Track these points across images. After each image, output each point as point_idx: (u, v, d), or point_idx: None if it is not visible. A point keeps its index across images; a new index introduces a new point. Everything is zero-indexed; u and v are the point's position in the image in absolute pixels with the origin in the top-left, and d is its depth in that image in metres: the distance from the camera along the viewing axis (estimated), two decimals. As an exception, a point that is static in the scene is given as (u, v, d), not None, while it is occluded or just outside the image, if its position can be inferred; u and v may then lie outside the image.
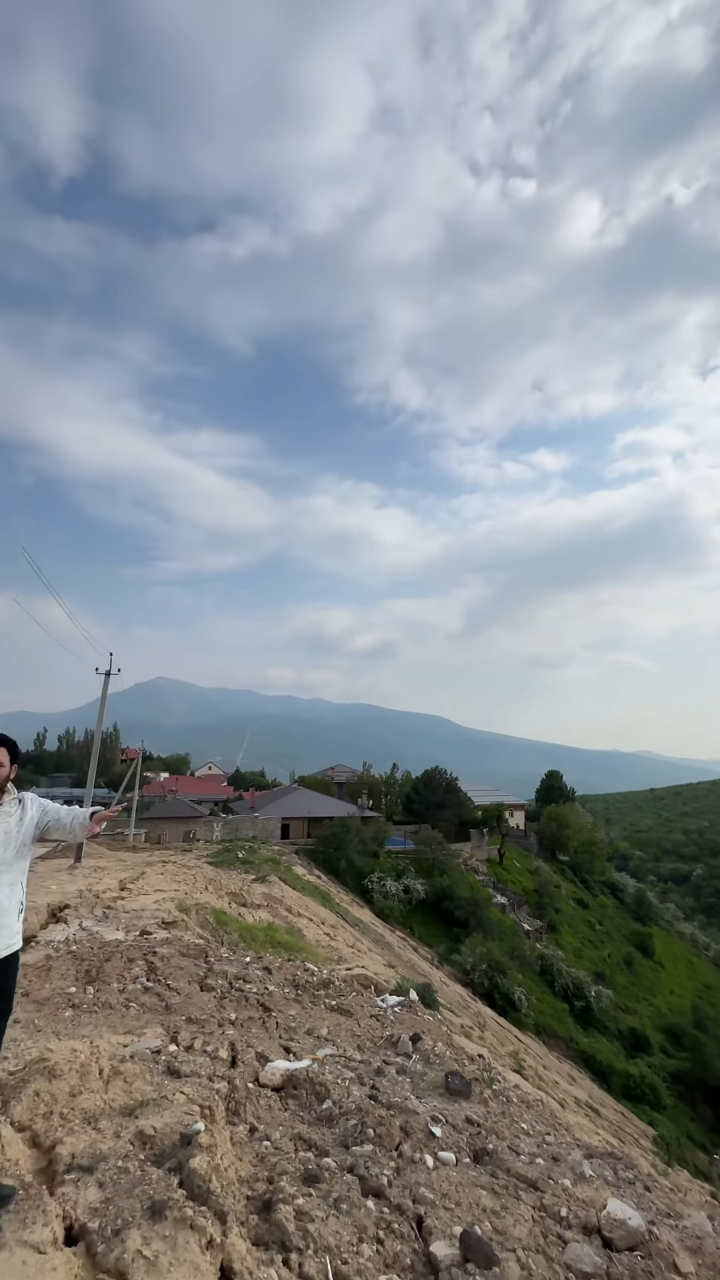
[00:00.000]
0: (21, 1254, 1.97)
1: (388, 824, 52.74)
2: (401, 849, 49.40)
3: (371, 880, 42.54)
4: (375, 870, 44.03)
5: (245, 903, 18.25)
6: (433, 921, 42.20)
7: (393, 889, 42.47)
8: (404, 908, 41.88)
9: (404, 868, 45.42)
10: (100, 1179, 2.51)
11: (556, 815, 62.38)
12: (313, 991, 7.61)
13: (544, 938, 46.28)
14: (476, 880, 48.08)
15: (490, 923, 40.95)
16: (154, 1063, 4.01)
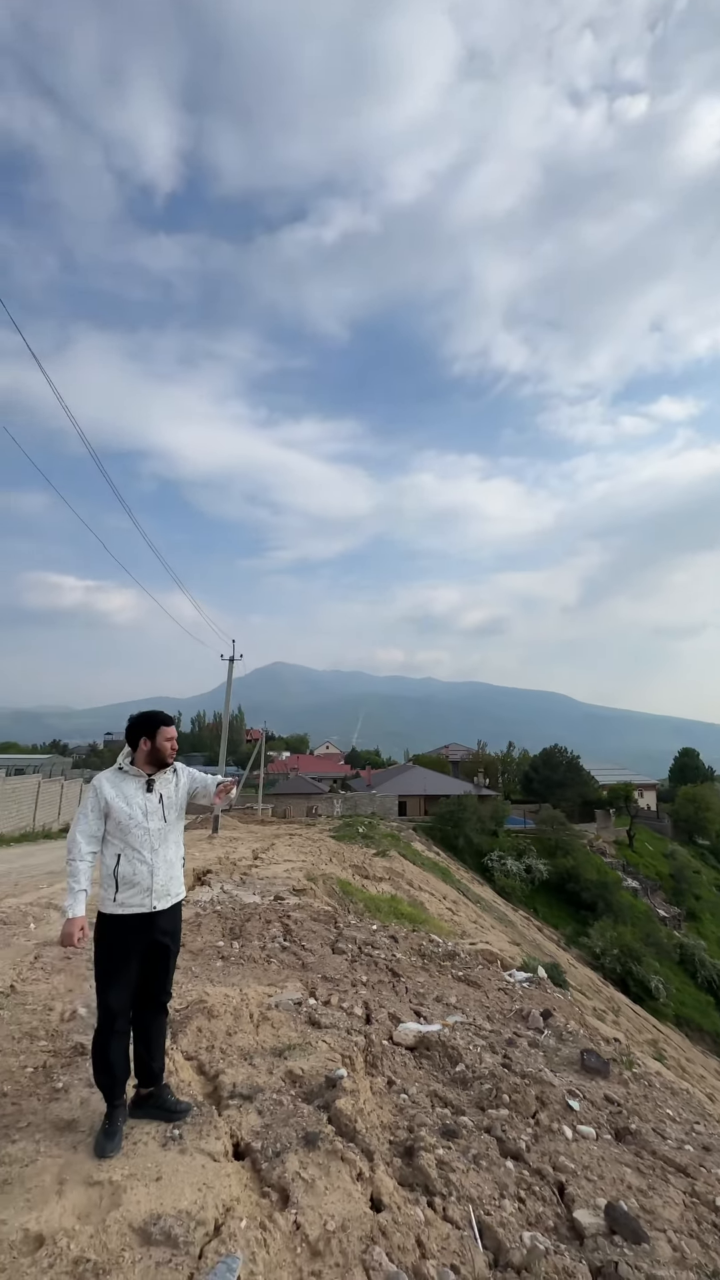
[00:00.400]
0: (200, 1159, 2.25)
1: (506, 803, 51.83)
2: (521, 828, 48.40)
3: (491, 859, 42.20)
4: (495, 849, 43.61)
5: (368, 875, 18.93)
6: (558, 903, 41.05)
7: (514, 868, 41.84)
8: (526, 887, 41.13)
9: (525, 847, 44.52)
10: (259, 1107, 2.79)
11: (694, 796, 57.60)
12: (439, 962, 7.78)
13: (682, 926, 43.27)
14: (604, 863, 45.94)
15: (621, 907, 39.02)
16: (296, 1013, 4.34)
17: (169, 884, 2.63)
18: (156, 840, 2.60)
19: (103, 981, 2.51)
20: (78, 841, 2.53)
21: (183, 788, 2.81)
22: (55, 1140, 2.29)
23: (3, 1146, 2.22)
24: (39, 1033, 3.30)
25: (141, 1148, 2.29)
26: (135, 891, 2.52)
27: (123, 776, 2.68)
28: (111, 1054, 2.44)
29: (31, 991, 4.12)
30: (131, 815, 2.57)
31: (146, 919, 2.52)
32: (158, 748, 2.68)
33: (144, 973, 2.59)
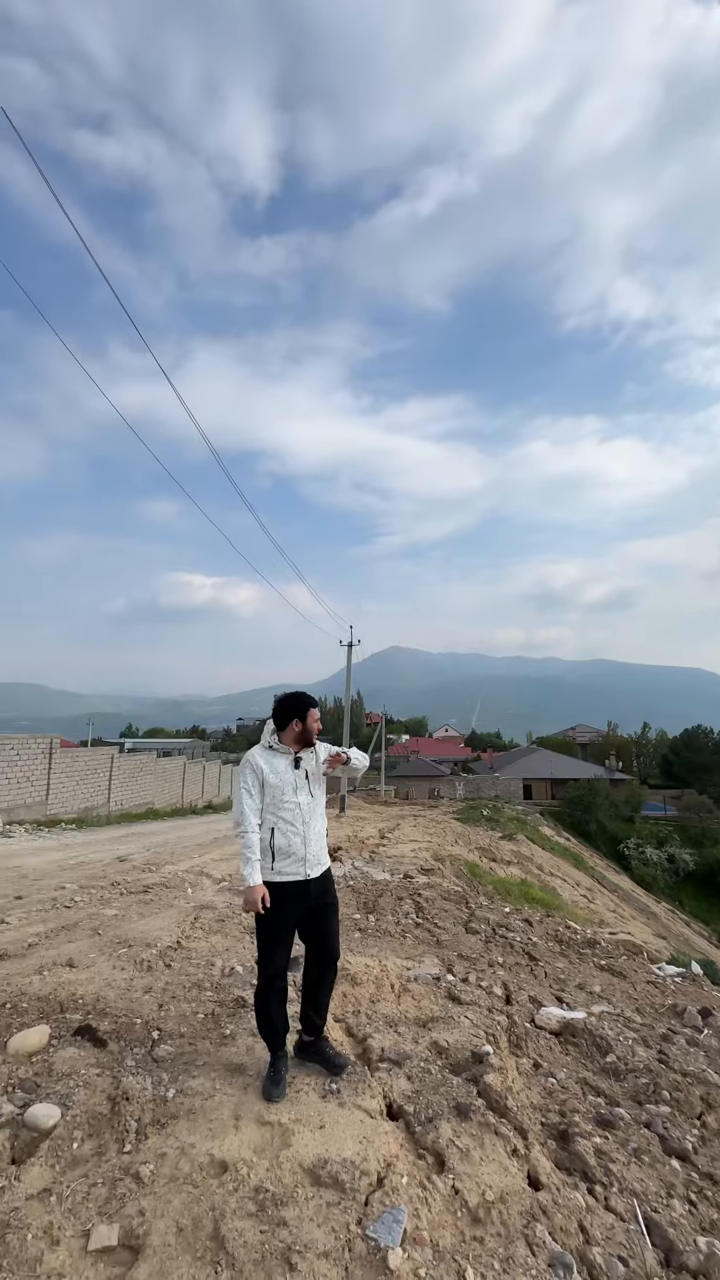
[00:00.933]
0: (358, 1114, 2.36)
1: (642, 787, 48.44)
2: (661, 815, 45.01)
3: (628, 846, 39.75)
4: (632, 836, 41.01)
5: (495, 858, 18.67)
6: (707, 896, 37.79)
7: (654, 857, 39.08)
8: (669, 878, 38.29)
9: (666, 835, 41.39)
10: (407, 1073, 2.87)
11: None
12: (578, 949, 7.48)
13: None
14: (762, 855, 41.38)
15: (785, 905, 35.05)
16: (436, 987, 4.40)
17: (320, 854, 2.78)
18: (307, 813, 2.74)
19: (263, 944, 2.71)
20: (246, 815, 2.72)
21: (322, 763, 2.94)
22: (228, 1080, 2.53)
23: (186, 1080, 2.49)
24: (205, 984, 3.65)
25: (304, 1097, 2.45)
26: (291, 861, 2.68)
27: (273, 754, 2.85)
28: (272, 1009, 2.64)
29: (195, 949, 4.56)
30: (283, 790, 2.72)
31: (301, 886, 2.69)
32: (308, 729, 2.83)
33: (313, 933, 2.80)
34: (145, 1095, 2.31)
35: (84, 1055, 2.58)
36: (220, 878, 8.23)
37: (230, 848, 11.34)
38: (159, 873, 8.05)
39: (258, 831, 2.70)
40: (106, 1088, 2.33)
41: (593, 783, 43.14)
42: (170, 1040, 2.84)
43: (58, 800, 15.33)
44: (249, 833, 2.69)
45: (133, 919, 5.24)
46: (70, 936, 4.49)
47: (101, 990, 3.33)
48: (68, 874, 7.84)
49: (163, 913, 5.66)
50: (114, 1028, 2.82)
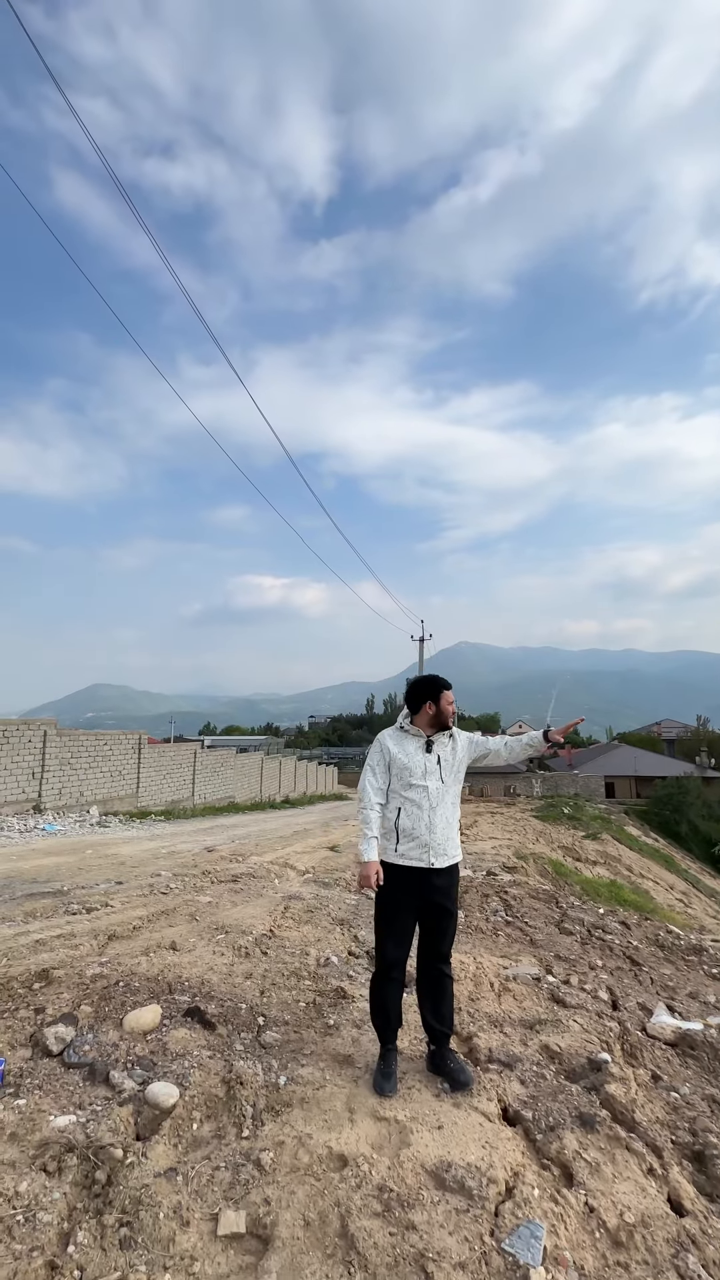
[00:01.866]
0: (475, 1116, 2.24)
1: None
2: (761, 816, 41.69)
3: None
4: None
5: (580, 857, 17.90)
6: None
7: (754, 861, 36.30)
8: (772, 884, 35.42)
9: (767, 838, 38.33)
10: (520, 1077, 2.71)
11: None
12: (682, 955, 6.98)
13: None
14: None
15: None
16: (537, 987, 4.20)
17: (446, 844, 2.63)
18: (435, 799, 2.63)
19: (381, 930, 2.65)
20: (367, 792, 2.70)
21: (461, 751, 2.80)
22: (337, 1071, 2.47)
23: (295, 1068, 2.46)
24: (302, 973, 3.64)
25: (416, 1094, 2.36)
26: (414, 845, 2.58)
27: (404, 735, 2.78)
28: (386, 998, 2.56)
29: (287, 938, 4.59)
30: (411, 772, 2.65)
31: (423, 875, 2.58)
32: (441, 710, 2.73)
33: (427, 932, 2.68)
34: (258, 1081, 2.29)
35: (194, 1036, 2.60)
36: (304, 870, 8.32)
37: (312, 840, 11.48)
38: (245, 863, 8.24)
39: (376, 810, 2.66)
40: (220, 1070, 2.34)
41: (682, 781, 40.63)
42: (275, 1027, 2.83)
43: (147, 793, 16.10)
44: (366, 809, 2.66)
45: (226, 906, 5.35)
46: (170, 921, 4.63)
47: (204, 974, 3.38)
48: (161, 862, 8.18)
49: (253, 901, 5.75)
50: (221, 1011, 2.84)
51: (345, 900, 6.41)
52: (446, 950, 2.68)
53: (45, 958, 3.57)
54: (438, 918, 2.63)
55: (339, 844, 11.08)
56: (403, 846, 2.59)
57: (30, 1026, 2.64)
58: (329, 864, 9.04)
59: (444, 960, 2.67)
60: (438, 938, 2.65)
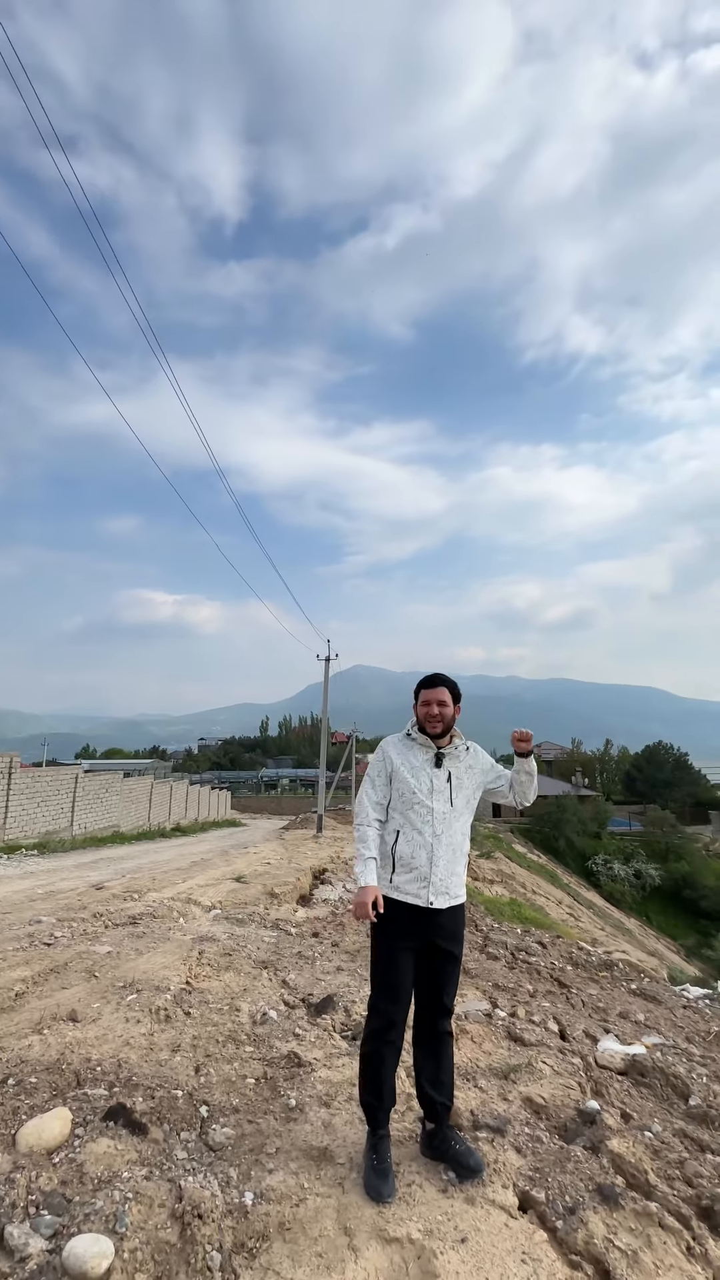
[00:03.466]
0: (495, 1214, 1.83)
1: (607, 804, 48.98)
2: (626, 830, 45.52)
3: (596, 862, 39.93)
4: (599, 852, 41.24)
5: (478, 877, 18.18)
6: (673, 911, 38.18)
7: (621, 873, 39.35)
8: (637, 894, 38.57)
9: (632, 851, 41.81)
10: (515, 1144, 2.34)
11: None
12: (595, 972, 7.06)
13: None
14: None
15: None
16: (491, 1025, 3.88)
17: (448, 880, 2.16)
18: (440, 824, 2.18)
19: (375, 977, 2.16)
20: (365, 806, 2.26)
21: (478, 772, 2.34)
22: (314, 1173, 1.95)
23: (261, 1177, 1.90)
24: (240, 1037, 3.03)
25: (419, 1192, 1.90)
26: (412, 878, 2.14)
27: (410, 744, 2.32)
28: (382, 1069, 2.07)
29: (209, 990, 3.91)
30: (416, 789, 2.21)
31: (422, 915, 2.13)
32: (417, 712, 2.31)
33: (427, 981, 2.20)
34: (218, 1207, 1.72)
35: (122, 1148, 1.96)
36: (210, 905, 7.50)
37: (214, 871, 10.53)
38: (143, 901, 7.26)
39: (375, 826, 2.22)
40: (165, 1198, 1.73)
41: (561, 800, 43.40)
42: (224, 1117, 2.23)
43: (17, 824, 14.13)
44: (364, 826, 2.21)
45: (129, 956, 4.53)
46: (63, 980, 3.78)
47: (120, 1052, 2.68)
48: (40, 905, 6.97)
49: (160, 947, 4.95)
50: (151, 1105, 2.19)
51: (263, 939, 5.77)
52: (449, 1004, 2.22)
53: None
54: (441, 963, 2.18)
55: (244, 874, 10.25)
56: (399, 878, 2.15)
57: None
58: (237, 897, 8.26)
59: (446, 1015, 2.22)
60: (438, 988, 2.19)
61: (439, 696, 2.25)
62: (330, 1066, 2.71)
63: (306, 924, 6.77)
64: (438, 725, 2.25)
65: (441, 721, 2.24)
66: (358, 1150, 2.06)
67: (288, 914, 7.41)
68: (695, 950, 31.72)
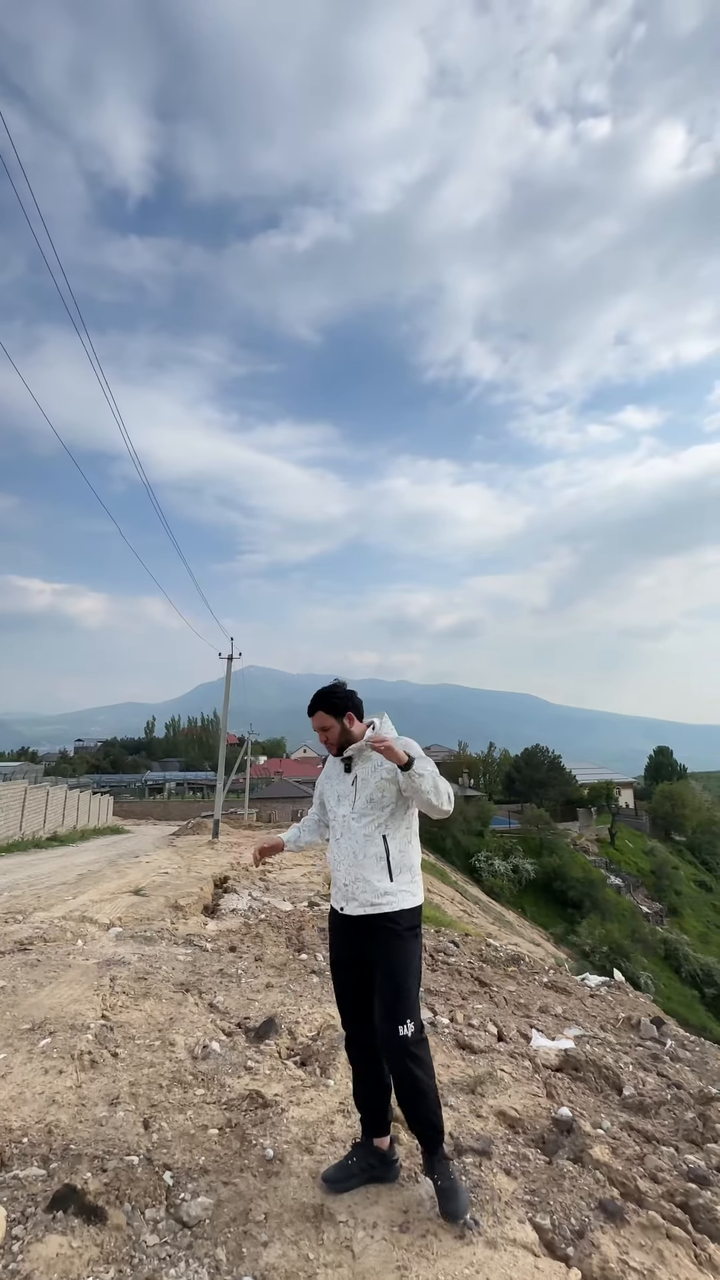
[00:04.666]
0: (523, 1257, 1.68)
1: (490, 803, 51.83)
2: (506, 829, 48.43)
3: (479, 859, 42.04)
4: (482, 849, 43.48)
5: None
6: (545, 902, 41.15)
7: (501, 868, 41.77)
8: (514, 887, 41.11)
9: (511, 847, 44.53)
10: (504, 1165, 2.23)
11: (670, 794, 58.70)
12: (504, 967, 7.28)
13: (665, 921, 43.90)
14: (588, 861, 46.34)
15: (607, 904, 39.35)
16: (438, 1034, 3.78)
17: (352, 886, 2.09)
18: (341, 829, 2.19)
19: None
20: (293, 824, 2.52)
21: (385, 769, 2.18)
22: (315, 1238, 1.69)
23: (255, 1254, 1.61)
24: (184, 1077, 2.66)
25: (437, 1243, 1.70)
26: (335, 886, 2.21)
27: (334, 760, 2.32)
28: (356, 1082, 2.14)
29: (131, 1022, 3.45)
30: (331, 800, 2.29)
31: (342, 922, 2.17)
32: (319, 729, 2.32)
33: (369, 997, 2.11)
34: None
35: (78, 1245, 1.57)
36: (108, 922, 6.79)
37: (107, 885, 9.61)
38: (29, 923, 6.40)
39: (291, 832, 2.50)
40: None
41: (450, 800, 45.26)
42: (192, 1183, 1.90)
43: None
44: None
45: (28, 990, 3.91)
46: (-49, 1028, 3.14)
47: (47, 1113, 2.22)
48: None
49: (62, 976, 4.34)
50: (105, 1182, 1.80)
51: (177, 957, 5.28)
52: (391, 1016, 1.97)
53: None
54: (374, 972, 2.07)
55: (142, 886, 9.47)
56: (333, 887, 2.22)
57: None
58: (138, 912, 7.57)
59: (391, 1032, 1.96)
60: (377, 1000, 2.03)
61: (320, 723, 2.25)
62: (300, 1103, 2.44)
63: (221, 938, 6.32)
64: (333, 748, 2.27)
65: (334, 745, 2.25)
66: (357, 1202, 1.83)
67: (197, 928, 6.89)
68: (563, 937, 34.40)
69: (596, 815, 54.99)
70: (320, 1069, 3.01)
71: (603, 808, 56.21)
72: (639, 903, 44.85)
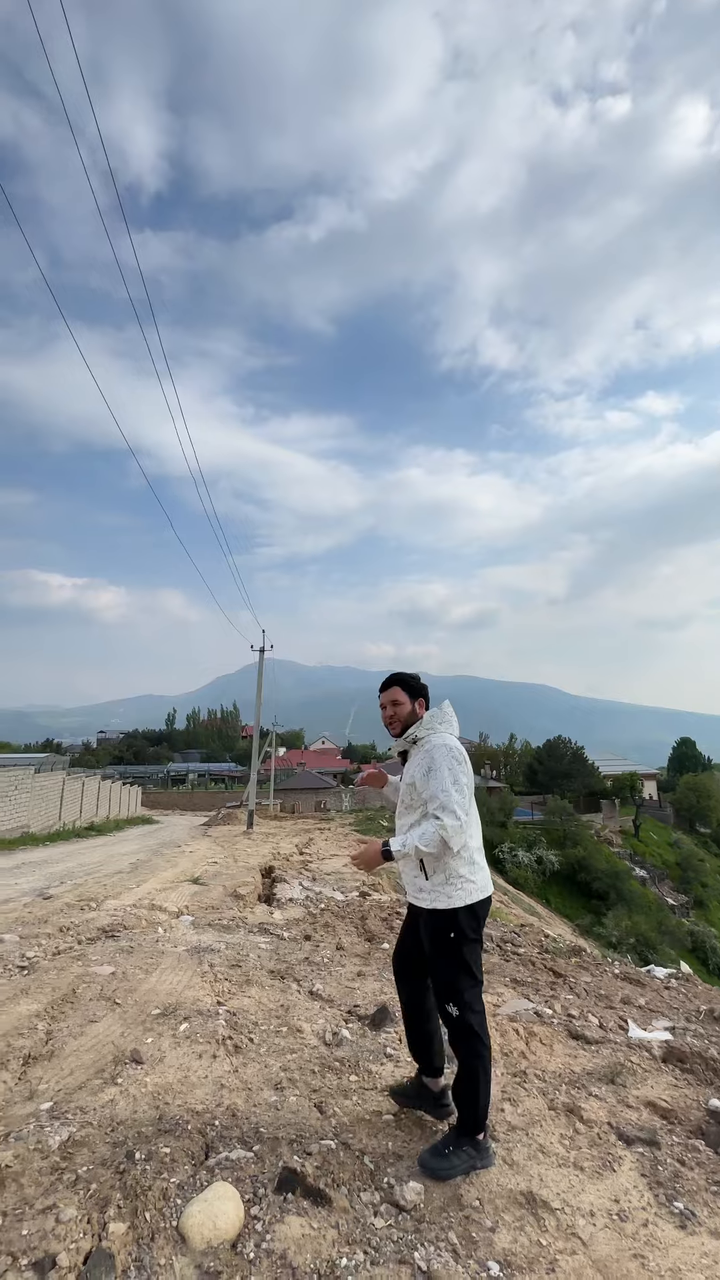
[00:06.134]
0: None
1: (512, 795, 51.70)
2: (529, 820, 48.31)
3: (502, 850, 42.03)
4: (505, 840, 43.46)
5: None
6: (569, 893, 41.05)
7: (525, 859, 41.74)
8: (538, 878, 41.07)
9: (535, 838, 44.44)
10: (676, 1156, 2.22)
11: (695, 785, 58.07)
12: (566, 957, 7.26)
13: (690, 913, 43.57)
14: (611, 852, 46.10)
15: (632, 896, 39.15)
16: (547, 1024, 3.78)
17: (403, 875, 2.22)
18: (393, 822, 2.31)
19: None
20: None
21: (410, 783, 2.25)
22: (537, 1225, 1.69)
23: (487, 1240, 1.61)
24: (332, 1064, 2.68)
25: (660, 1232, 1.70)
26: None
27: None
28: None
29: (245, 1008, 3.50)
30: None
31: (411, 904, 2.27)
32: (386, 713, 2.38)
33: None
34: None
35: (318, 1227, 1.59)
36: (177, 910, 6.90)
37: (164, 874, 9.76)
38: (104, 910, 6.52)
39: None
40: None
41: (473, 791, 45.23)
42: (391, 1167, 1.92)
43: None
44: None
45: (137, 976, 3.98)
46: (85, 1012, 3.20)
47: (220, 1097, 2.26)
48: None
49: (161, 963, 4.41)
50: (317, 1166, 1.83)
51: (259, 946, 5.35)
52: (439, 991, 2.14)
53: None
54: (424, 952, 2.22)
55: (199, 875, 9.60)
56: None
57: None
58: (201, 901, 7.68)
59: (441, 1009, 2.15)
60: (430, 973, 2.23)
61: (391, 697, 2.30)
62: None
63: (292, 926, 6.39)
64: (395, 726, 2.29)
65: (397, 721, 2.27)
66: (568, 1189, 1.84)
67: (264, 916, 6.97)
68: (589, 929, 34.30)
69: (620, 807, 54.60)
70: (450, 1059, 3.03)
71: (626, 799, 55.81)
72: (664, 895, 44.54)
